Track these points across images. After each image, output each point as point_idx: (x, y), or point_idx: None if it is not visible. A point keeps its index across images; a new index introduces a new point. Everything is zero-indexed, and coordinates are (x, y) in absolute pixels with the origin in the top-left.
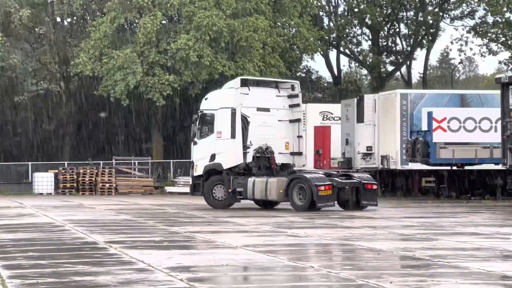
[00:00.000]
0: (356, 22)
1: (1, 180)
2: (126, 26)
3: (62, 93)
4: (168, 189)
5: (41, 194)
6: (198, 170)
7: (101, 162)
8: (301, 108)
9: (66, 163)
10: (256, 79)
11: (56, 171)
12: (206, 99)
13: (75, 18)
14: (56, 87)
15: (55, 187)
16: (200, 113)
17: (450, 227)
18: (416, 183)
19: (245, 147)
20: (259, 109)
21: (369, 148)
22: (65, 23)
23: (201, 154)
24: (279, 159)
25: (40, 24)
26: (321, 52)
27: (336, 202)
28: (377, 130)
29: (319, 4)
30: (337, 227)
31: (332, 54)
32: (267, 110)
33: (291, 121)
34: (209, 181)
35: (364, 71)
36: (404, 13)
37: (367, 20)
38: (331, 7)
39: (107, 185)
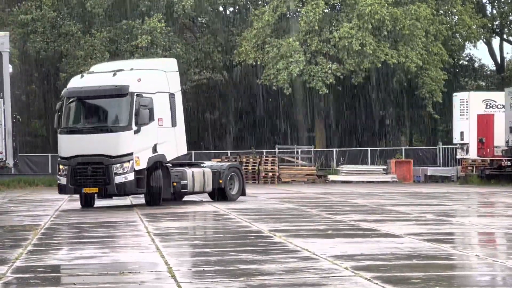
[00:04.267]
0: None
1: None
2: (288, 15)
3: (225, 82)
4: (331, 177)
5: None
6: (141, 163)
7: (264, 151)
8: None
9: (229, 152)
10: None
11: (219, 160)
12: (139, 80)
13: (237, 7)
14: (218, 76)
15: None
16: (136, 96)
17: None
18: None
19: None
20: None
21: None
22: (228, 12)
23: (142, 144)
24: None
25: (203, 14)
26: (484, 40)
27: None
28: None
29: None
30: (502, 216)
31: (495, 41)
32: None
33: None
34: (163, 174)
35: None
36: None
37: None
38: None
39: (270, 173)
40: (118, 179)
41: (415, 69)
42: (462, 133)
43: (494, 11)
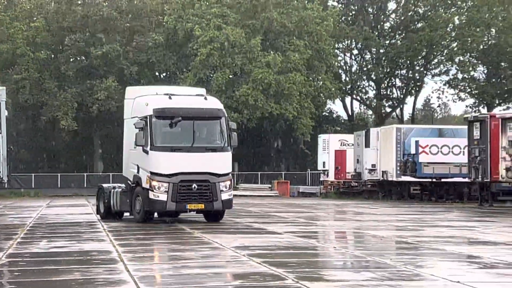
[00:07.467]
0: (364, 77)
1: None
2: (204, 79)
3: None
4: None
5: None
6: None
7: None
8: None
9: None
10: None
11: None
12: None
13: (168, 73)
14: None
15: None
16: (226, 119)
17: (431, 221)
18: (406, 191)
19: None
20: None
21: (373, 165)
22: (162, 76)
23: None
24: None
25: (144, 77)
26: (340, 98)
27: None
28: (379, 152)
29: (338, 65)
30: (351, 220)
31: (347, 100)
32: None
33: None
34: None
35: (370, 112)
36: (399, 71)
37: (372, 76)
38: (347, 67)
39: None
40: (224, 196)
41: (292, 117)
42: (324, 162)
43: (347, 79)
